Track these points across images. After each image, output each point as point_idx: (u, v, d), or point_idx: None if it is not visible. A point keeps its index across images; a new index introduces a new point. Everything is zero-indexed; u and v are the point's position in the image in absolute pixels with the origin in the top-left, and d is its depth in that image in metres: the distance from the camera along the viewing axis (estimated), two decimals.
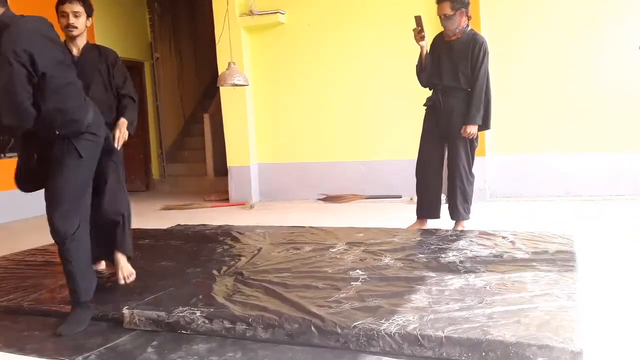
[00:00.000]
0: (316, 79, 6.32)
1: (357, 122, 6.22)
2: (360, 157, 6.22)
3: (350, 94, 6.23)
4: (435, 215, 4.11)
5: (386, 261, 3.12)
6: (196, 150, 8.68)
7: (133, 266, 3.15)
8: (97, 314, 2.56)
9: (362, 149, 6.22)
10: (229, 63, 5.08)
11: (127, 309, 2.46)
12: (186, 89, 9.64)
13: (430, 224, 4.17)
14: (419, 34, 3.75)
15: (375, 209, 5.42)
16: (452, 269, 2.89)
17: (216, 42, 6.31)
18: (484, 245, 3.39)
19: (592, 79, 5.28)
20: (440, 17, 3.74)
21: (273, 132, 6.63)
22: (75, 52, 3.11)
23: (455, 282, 2.64)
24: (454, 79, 3.80)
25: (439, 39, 3.97)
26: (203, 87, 9.48)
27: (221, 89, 6.37)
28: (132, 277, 3.04)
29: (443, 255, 3.17)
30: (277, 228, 4.44)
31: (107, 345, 2.25)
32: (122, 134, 3.04)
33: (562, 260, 2.95)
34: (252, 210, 5.96)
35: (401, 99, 6.02)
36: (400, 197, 5.92)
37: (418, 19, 3.73)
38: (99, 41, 7.25)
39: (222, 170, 7.25)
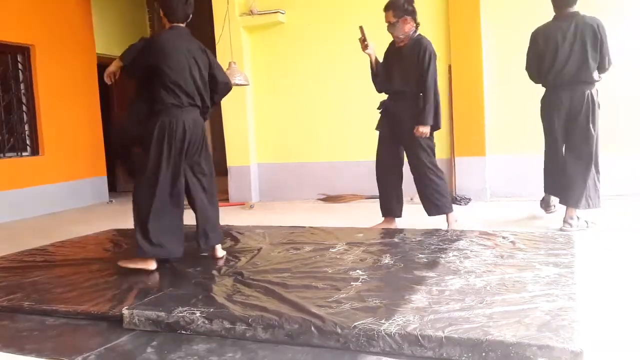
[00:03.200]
0: (316, 78, 6.32)
1: (357, 122, 6.21)
2: (361, 157, 6.21)
3: (351, 94, 6.22)
4: (396, 214, 4.22)
5: (386, 261, 3.12)
6: None
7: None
8: (96, 314, 2.56)
9: (362, 148, 6.21)
10: (230, 63, 5.09)
11: (126, 309, 2.46)
12: None
13: (429, 223, 4.17)
14: (363, 44, 3.98)
15: (375, 209, 5.41)
16: (452, 269, 2.89)
17: (216, 41, 6.31)
18: (484, 245, 3.39)
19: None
20: (387, 24, 3.95)
21: (273, 132, 6.63)
22: None
23: (455, 282, 2.64)
24: (405, 84, 3.95)
25: (391, 46, 4.14)
26: None
27: None
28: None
29: (443, 256, 3.17)
30: (277, 228, 4.44)
31: (107, 346, 2.25)
32: None
33: (562, 260, 2.94)
34: (252, 210, 5.96)
35: None
36: None
37: (361, 29, 3.98)
38: (98, 42, 7.28)
39: (221, 170, 7.24)
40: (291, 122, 6.53)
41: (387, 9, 3.94)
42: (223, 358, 2.07)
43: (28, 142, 6.43)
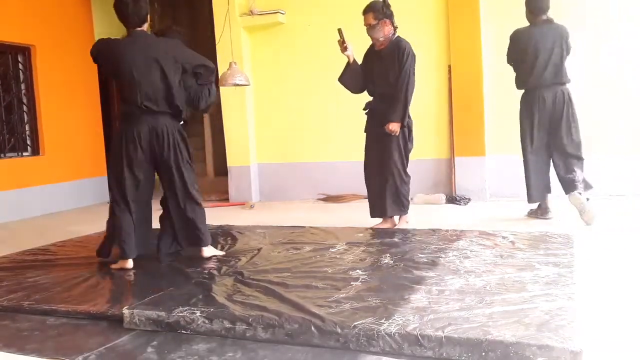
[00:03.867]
0: (316, 78, 6.32)
1: (357, 122, 6.18)
2: (361, 157, 6.20)
3: (351, 94, 6.20)
4: (385, 213, 4.23)
5: (386, 261, 3.13)
6: (196, 150, 8.63)
7: (134, 266, 3.20)
8: (97, 314, 2.57)
9: (362, 148, 6.21)
10: (230, 63, 5.09)
11: (127, 308, 2.46)
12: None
13: (429, 224, 4.17)
14: (342, 45, 4.07)
15: None
16: (452, 269, 2.89)
17: (216, 42, 6.31)
18: (484, 245, 3.39)
19: (591, 78, 5.27)
20: (366, 27, 4.01)
21: (273, 132, 6.63)
22: None
23: (455, 282, 2.64)
24: (387, 85, 4.03)
25: (371, 49, 4.22)
26: None
27: (221, 89, 6.36)
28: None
29: (443, 255, 3.17)
30: (277, 228, 4.44)
31: (107, 345, 2.25)
32: None
33: (562, 260, 2.95)
34: (252, 210, 5.96)
35: None
36: None
37: (340, 32, 4.06)
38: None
39: (222, 170, 7.25)
40: (291, 122, 6.53)
41: (366, 11, 4.00)
42: (223, 358, 2.07)
43: (29, 142, 6.43)
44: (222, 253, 3.57)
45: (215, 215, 5.52)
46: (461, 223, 4.30)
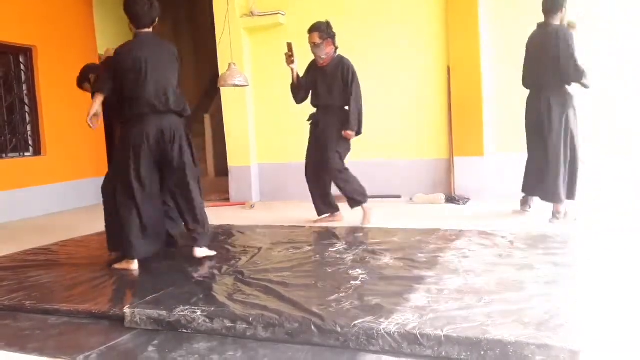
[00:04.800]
0: None
1: None
2: (361, 157, 6.22)
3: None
4: (329, 210, 4.64)
5: (386, 261, 3.14)
6: (197, 151, 8.67)
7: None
8: (98, 313, 2.58)
9: (362, 148, 6.22)
10: (230, 64, 5.10)
11: (128, 308, 2.48)
12: (186, 89, 9.62)
13: (428, 224, 4.17)
14: (289, 59, 4.34)
15: (375, 209, 5.42)
16: (451, 268, 2.90)
17: (217, 42, 6.32)
18: (483, 245, 3.40)
19: (590, 78, 5.27)
20: (310, 45, 4.35)
21: (273, 132, 6.64)
22: None
23: (454, 281, 2.66)
24: (330, 98, 4.41)
25: (314, 65, 4.53)
26: (203, 87, 9.49)
27: (222, 89, 6.38)
28: None
29: (442, 255, 3.18)
30: (277, 228, 4.46)
31: (108, 344, 2.26)
32: None
33: (561, 260, 2.96)
34: (253, 210, 5.97)
35: (401, 99, 6.03)
36: (400, 197, 5.93)
37: (289, 46, 4.34)
38: (98, 41, 7.30)
39: (222, 170, 7.26)
40: (291, 122, 6.52)
41: (312, 31, 4.34)
42: (224, 357, 2.08)
43: (30, 142, 6.45)
44: (213, 253, 3.55)
45: (215, 215, 5.53)
46: (460, 223, 4.30)
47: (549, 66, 4.24)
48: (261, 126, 6.69)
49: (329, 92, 4.40)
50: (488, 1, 5.60)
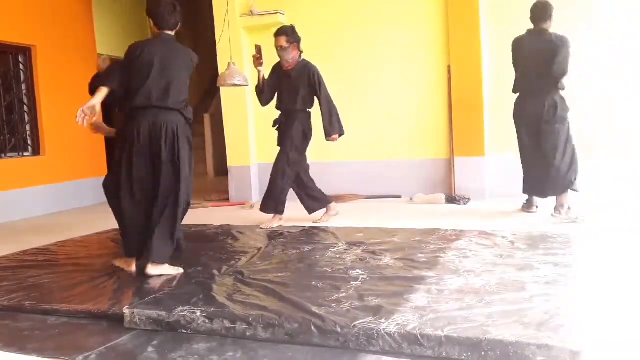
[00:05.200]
0: None
1: (357, 122, 6.22)
2: (361, 157, 6.23)
3: (350, 94, 6.23)
4: (321, 205, 4.70)
5: (386, 261, 3.13)
6: (196, 150, 8.59)
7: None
8: (97, 313, 2.57)
9: (362, 149, 6.23)
10: (229, 63, 5.09)
11: (127, 308, 2.47)
12: None
13: (428, 224, 4.17)
14: (257, 61, 4.37)
15: (375, 209, 5.42)
16: (451, 268, 2.90)
17: (216, 42, 6.32)
18: (484, 245, 3.40)
19: (590, 79, 5.28)
20: (277, 48, 4.37)
21: (273, 132, 6.60)
22: None
23: (454, 281, 2.65)
24: (294, 102, 4.46)
25: (279, 68, 4.57)
26: (203, 87, 9.49)
27: (221, 89, 6.37)
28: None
29: (442, 255, 3.18)
30: (277, 228, 4.45)
31: (108, 345, 2.26)
32: None
33: (562, 260, 2.96)
34: (252, 210, 5.96)
35: (401, 99, 6.03)
36: (400, 197, 5.93)
37: (258, 48, 4.37)
38: (98, 41, 7.29)
39: (222, 170, 7.26)
40: None
41: (279, 34, 4.36)
42: (223, 357, 2.08)
43: (29, 142, 6.44)
44: (175, 272, 3.15)
45: (215, 215, 5.53)
46: (461, 223, 4.30)
47: (547, 70, 4.35)
48: (261, 126, 6.67)
49: (293, 97, 4.46)
50: (488, 0, 5.59)
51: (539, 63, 4.41)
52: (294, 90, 4.45)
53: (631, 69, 5.21)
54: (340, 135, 4.57)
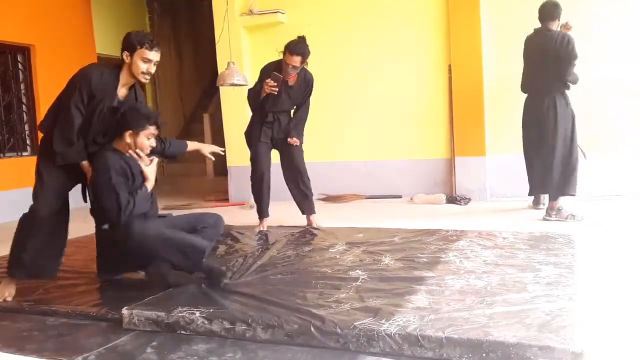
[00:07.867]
0: (315, 78, 6.30)
1: (357, 122, 6.21)
2: (361, 157, 6.21)
3: (350, 94, 6.22)
4: (267, 214, 4.60)
5: (386, 261, 3.12)
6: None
7: None
8: (96, 314, 2.56)
9: (362, 148, 6.22)
10: (229, 63, 5.08)
11: (126, 309, 2.46)
12: (186, 89, 9.63)
13: (428, 224, 4.16)
14: (271, 88, 4.24)
15: (375, 209, 5.41)
16: (452, 269, 2.89)
17: (216, 41, 6.30)
18: (484, 245, 3.38)
19: (590, 78, 5.26)
20: (287, 64, 4.26)
21: None
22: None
23: (455, 282, 2.64)
24: (288, 107, 4.53)
25: (272, 72, 4.48)
26: (203, 86, 9.48)
27: (221, 88, 6.36)
28: None
29: (443, 256, 3.16)
30: (277, 228, 4.45)
31: (107, 346, 2.25)
32: None
33: (563, 260, 2.94)
34: (252, 210, 5.94)
35: (401, 99, 6.02)
36: (400, 197, 5.92)
37: (277, 78, 4.25)
38: (98, 42, 7.28)
39: (221, 170, 7.24)
40: None
41: (296, 53, 4.24)
42: (223, 358, 2.07)
43: (28, 142, 6.43)
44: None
45: None
46: (461, 223, 4.29)
47: (553, 70, 4.36)
48: None
49: (290, 103, 4.50)
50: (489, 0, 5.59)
51: (542, 62, 4.41)
52: (293, 98, 4.48)
53: (631, 68, 5.19)
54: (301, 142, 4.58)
